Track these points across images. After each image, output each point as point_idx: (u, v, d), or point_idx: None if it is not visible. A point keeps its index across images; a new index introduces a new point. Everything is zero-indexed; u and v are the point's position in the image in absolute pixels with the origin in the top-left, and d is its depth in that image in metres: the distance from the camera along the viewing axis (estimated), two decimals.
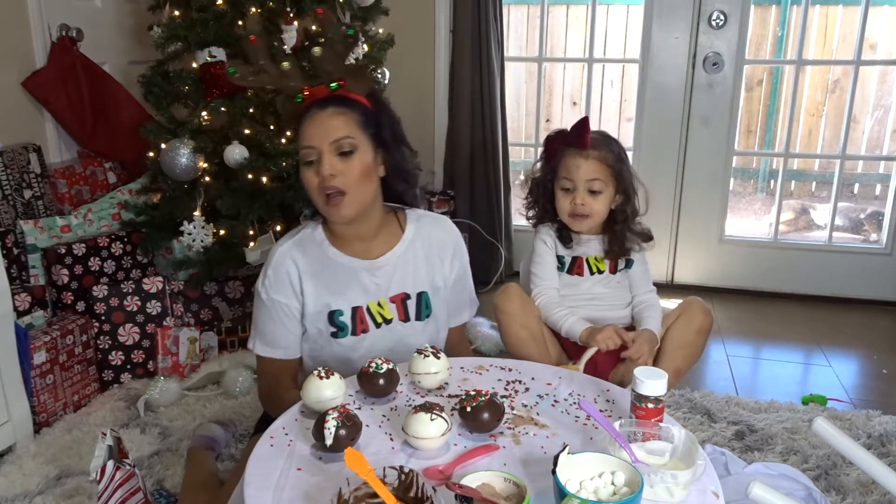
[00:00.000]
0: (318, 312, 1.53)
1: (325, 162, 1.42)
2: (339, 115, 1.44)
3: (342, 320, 1.53)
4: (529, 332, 1.86)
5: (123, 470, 1.43)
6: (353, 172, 1.44)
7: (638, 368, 1.16)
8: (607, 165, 1.83)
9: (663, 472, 1.00)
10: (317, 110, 1.45)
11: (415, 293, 1.58)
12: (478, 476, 0.98)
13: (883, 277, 3.22)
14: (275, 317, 1.54)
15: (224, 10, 2.37)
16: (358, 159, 1.44)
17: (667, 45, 3.18)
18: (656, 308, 1.89)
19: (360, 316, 1.54)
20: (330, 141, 1.42)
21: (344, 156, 1.43)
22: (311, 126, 1.45)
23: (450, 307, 1.67)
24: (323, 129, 1.43)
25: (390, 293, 1.56)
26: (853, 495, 1.82)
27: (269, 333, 1.56)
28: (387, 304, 1.56)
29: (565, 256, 1.93)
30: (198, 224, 2.47)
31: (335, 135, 1.43)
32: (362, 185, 1.46)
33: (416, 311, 1.59)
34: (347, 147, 1.43)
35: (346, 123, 1.44)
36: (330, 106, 1.45)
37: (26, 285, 2.32)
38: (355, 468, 0.94)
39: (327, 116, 1.44)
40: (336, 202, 1.43)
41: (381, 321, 1.56)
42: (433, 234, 1.61)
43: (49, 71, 2.64)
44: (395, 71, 2.73)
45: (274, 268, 1.53)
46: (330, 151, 1.43)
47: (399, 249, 1.57)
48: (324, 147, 1.42)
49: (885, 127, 4.50)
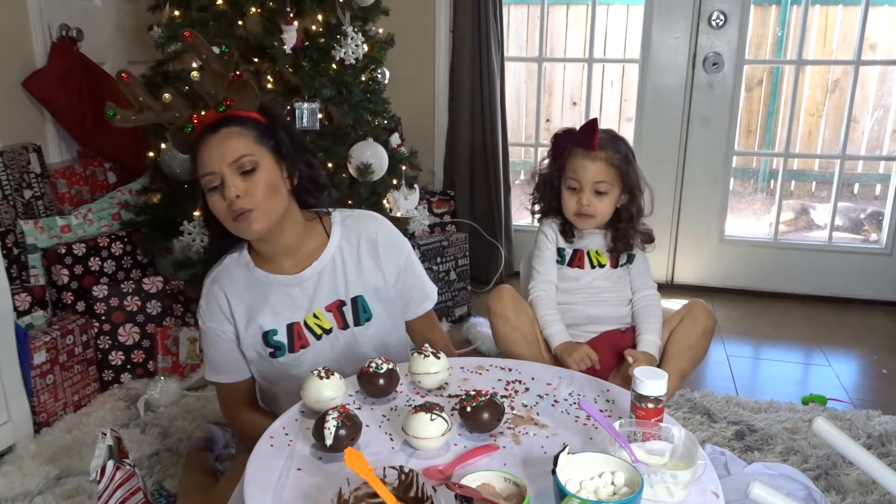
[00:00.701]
0: (251, 335, 1.51)
1: (228, 184, 1.38)
2: (234, 135, 1.40)
3: (277, 339, 1.51)
4: (521, 334, 1.87)
5: (123, 470, 1.43)
6: (258, 189, 1.39)
7: (638, 368, 1.16)
8: (614, 167, 1.82)
9: (663, 472, 1.00)
10: (209, 135, 1.41)
11: (349, 299, 1.53)
12: (478, 476, 0.98)
13: (883, 277, 3.22)
14: (216, 345, 1.54)
15: (224, 10, 2.37)
16: (261, 175, 1.40)
17: (667, 45, 3.18)
18: (657, 312, 1.89)
19: (298, 331, 1.51)
20: (229, 162, 1.38)
21: (246, 174, 1.39)
22: (206, 152, 1.40)
23: (402, 300, 1.62)
24: (219, 153, 1.39)
25: (324, 303, 1.52)
26: (853, 495, 1.82)
27: (214, 360, 1.56)
28: (322, 314, 1.52)
29: (566, 249, 1.94)
30: (198, 224, 2.47)
31: (233, 155, 1.38)
32: (270, 200, 1.41)
33: (354, 317, 1.54)
34: (248, 165, 1.39)
35: (241, 142, 1.40)
36: (222, 128, 1.41)
37: (26, 285, 2.32)
38: (355, 468, 0.94)
39: (221, 139, 1.40)
40: (245, 217, 1.39)
41: (321, 332, 1.53)
42: (362, 232, 1.56)
43: (49, 71, 2.64)
44: (395, 71, 2.73)
45: (205, 297, 1.52)
46: (231, 173, 1.38)
47: (326, 256, 1.52)
48: (224, 170, 1.38)
49: (884, 127, 4.50)
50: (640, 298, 1.93)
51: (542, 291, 1.90)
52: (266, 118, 1.47)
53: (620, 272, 1.94)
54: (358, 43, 2.37)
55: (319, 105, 2.35)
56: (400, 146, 2.67)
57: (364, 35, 2.41)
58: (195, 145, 1.43)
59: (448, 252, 3.00)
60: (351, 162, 2.40)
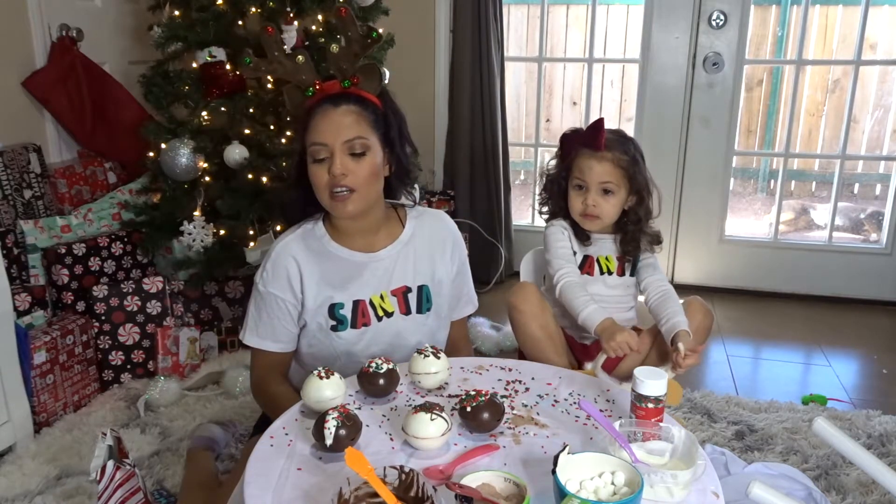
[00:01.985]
0: (318, 306, 1.52)
1: (336, 161, 1.41)
2: (352, 114, 1.43)
3: (342, 313, 1.53)
4: (546, 333, 1.83)
5: (123, 470, 1.43)
6: (362, 173, 1.43)
7: (638, 368, 1.16)
8: (621, 168, 1.81)
9: (663, 472, 1.00)
10: (329, 107, 1.44)
11: (415, 286, 1.58)
12: (478, 476, 0.98)
13: (883, 277, 3.22)
14: (270, 310, 1.54)
15: (224, 10, 2.37)
16: (368, 160, 1.44)
17: (667, 45, 3.18)
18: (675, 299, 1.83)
19: (363, 309, 1.54)
20: (343, 140, 1.42)
21: (355, 156, 1.43)
22: (323, 122, 1.43)
23: (451, 301, 1.67)
24: (336, 128, 1.42)
25: (392, 286, 1.56)
26: (853, 495, 1.82)
27: (264, 326, 1.55)
28: (388, 296, 1.56)
29: (577, 253, 1.91)
30: (198, 224, 2.47)
31: (348, 134, 1.42)
32: (370, 185, 1.46)
33: (418, 304, 1.58)
34: (360, 148, 1.43)
35: (358, 123, 1.43)
36: (343, 104, 1.44)
37: (26, 285, 2.32)
38: (356, 468, 0.94)
39: (340, 114, 1.43)
40: (342, 197, 1.43)
41: (383, 314, 1.55)
42: (433, 229, 1.62)
43: (49, 71, 2.64)
44: (395, 71, 2.73)
45: (273, 262, 1.53)
46: (342, 151, 1.42)
47: (400, 243, 1.57)
48: (336, 146, 1.42)
49: (885, 127, 4.50)
50: (656, 289, 1.86)
51: (571, 277, 1.83)
52: (382, 104, 1.50)
53: (627, 280, 1.93)
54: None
55: None
56: None
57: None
58: (310, 111, 1.46)
59: None
60: None
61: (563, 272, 1.84)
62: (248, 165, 2.38)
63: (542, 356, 1.77)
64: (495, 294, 3.32)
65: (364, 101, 1.46)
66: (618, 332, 1.67)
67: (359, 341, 1.55)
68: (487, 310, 3.07)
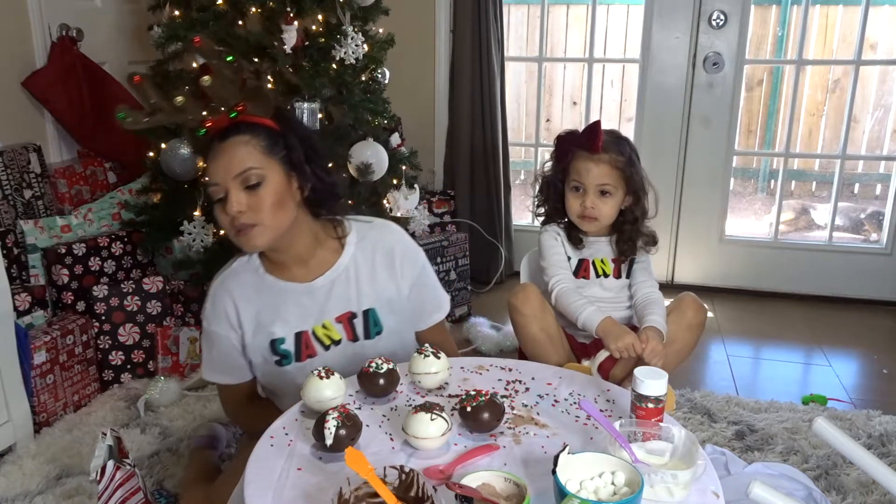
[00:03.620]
0: (259, 343, 1.48)
1: (231, 198, 1.33)
2: (241, 145, 1.34)
3: (284, 348, 1.48)
4: (547, 335, 1.83)
5: (123, 470, 1.43)
6: (263, 205, 1.34)
7: (638, 368, 1.16)
8: (618, 169, 1.81)
9: (663, 471, 1.00)
10: (217, 143, 1.35)
11: (361, 311, 1.50)
12: (478, 476, 0.98)
13: (883, 277, 3.22)
14: (218, 347, 1.51)
15: (224, 10, 2.37)
16: (267, 190, 1.35)
17: (667, 45, 3.18)
18: (659, 304, 1.84)
19: (306, 340, 1.48)
20: (233, 175, 1.33)
21: (251, 189, 1.34)
22: (213, 162, 1.35)
23: (412, 316, 1.59)
24: (225, 164, 1.33)
25: (335, 313, 1.48)
26: (853, 495, 1.82)
27: (216, 361, 1.54)
28: (332, 325, 1.49)
29: (572, 258, 1.92)
30: (198, 224, 2.47)
31: (238, 167, 1.33)
32: (275, 216, 1.36)
33: (365, 330, 1.51)
34: (254, 179, 1.33)
35: (249, 153, 1.34)
36: (230, 136, 1.35)
37: (26, 285, 2.32)
38: (356, 468, 0.94)
39: (229, 148, 1.34)
40: (245, 233, 1.35)
41: (330, 343, 1.49)
42: (377, 246, 1.52)
43: (49, 71, 2.64)
44: (395, 71, 2.73)
45: (212, 300, 1.49)
46: (235, 186, 1.33)
47: (339, 267, 1.48)
48: (228, 182, 1.33)
49: (885, 127, 4.50)
50: (643, 295, 1.86)
51: (565, 283, 1.84)
52: (280, 125, 1.41)
53: (623, 281, 1.93)
54: (358, 43, 2.37)
55: (319, 105, 2.35)
56: (400, 146, 2.67)
57: (364, 35, 2.41)
58: (205, 150, 1.39)
59: (448, 252, 3.00)
60: (351, 162, 2.40)
61: (557, 279, 1.86)
62: None
63: (544, 357, 1.77)
64: (495, 294, 3.32)
65: (255, 127, 1.37)
66: (623, 334, 1.67)
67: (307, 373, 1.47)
68: (487, 310, 3.08)
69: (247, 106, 1.40)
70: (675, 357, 1.87)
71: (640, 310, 1.82)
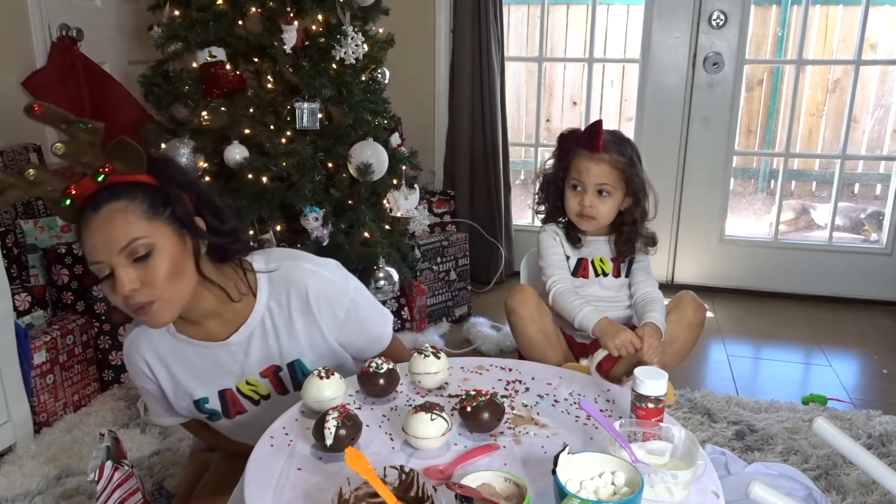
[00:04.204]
0: (182, 402, 1.40)
1: (121, 277, 1.14)
2: (118, 213, 1.14)
3: (209, 407, 1.40)
4: (545, 336, 1.83)
5: (122, 470, 1.43)
6: (157, 277, 1.16)
7: (638, 368, 1.16)
8: (618, 170, 1.81)
9: (663, 471, 1.00)
10: (90, 214, 1.15)
11: (285, 364, 1.37)
12: (478, 476, 0.98)
13: (883, 277, 3.22)
14: (152, 398, 1.47)
15: (224, 10, 2.37)
16: (159, 259, 1.16)
17: (667, 45, 3.18)
18: (659, 303, 1.85)
19: (232, 398, 1.39)
20: (117, 250, 1.14)
21: (140, 261, 1.15)
22: (89, 237, 1.15)
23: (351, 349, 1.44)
24: (104, 238, 1.14)
25: (258, 369, 1.37)
26: (853, 495, 1.82)
27: (154, 408, 1.50)
28: (257, 380, 1.38)
29: (571, 257, 1.92)
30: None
31: (121, 241, 1.14)
32: (174, 286, 1.19)
33: (294, 382, 1.39)
34: (142, 250, 1.15)
35: (129, 221, 1.15)
36: (104, 204, 1.15)
37: (26, 285, 2.32)
38: (356, 468, 0.94)
39: (105, 222, 1.14)
40: (145, 311, 1.18)
41: (259, 398, 1.40)
42: (291, 287, 1.33)
43: (49, 71, 2.64)
44: (395, 71, 2.73)
45: (126, 359, 1.40)
46: (122, 262, 1.14)
47: (255, 319, 1.33)
48: (112, 259, 1.14)
49: (885, 127, 4.50)
50: (643, 294, 1.87)
51: (562, 283, 1.85)
52: (157, 178, 1.21)
53: (622, 280, 1.93)
54: (358, 43, 2.37)
55: (319, 105, 2.35)
56: (400, 146, 2.67)
57: (364, 35, 2.40)
58: (77, 221, 1.18)
59: (448, 252, 3.00)
60: (351, 162, 2.40)
61: (554, 279, 1.86)
62: (248, 165, 2.38)
63: (542, 358, 1.78)
64: (495, 294, 3.32)
65: (131, 189, 1.17)
66: (619, 332, 1.68)
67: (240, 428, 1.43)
68: (487, 310, 3.08)
69: (114, 166, 1.19)
70: (675, 356, 1.88)
71: (640, 309, 1.83)
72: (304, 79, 2.33)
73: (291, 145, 2.33)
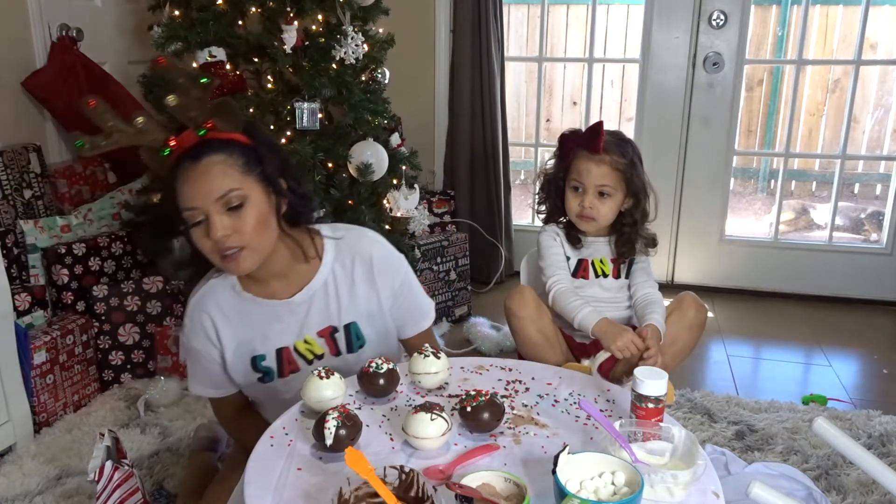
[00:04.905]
0: (240, 361, 1.46)
1: (214, 224, 1.25)
2: (218, 167, 1.26)
3: (265, 365, 1.45)
4: (545, 337, 1.83)
5: (122, 470, 1.43)
6: (247, 226, 1.27)
7: (638, 368, 1.16)
8: (618, 171, 1.80)
9: (663, 471, 1.00)
10: (190, 164, 1.26)
11: (342, 325, 1.46)
12: (478, 476, 0.98)
13: (883, 277, 3.22)
14: (201, 364, 1.49)
15: (224, 10, 2.37)
16: (249, 210, 1.28)
17: (667, 44, 3.18)
18: (659, 304, 1.85)
19: (287, 357, 1.45)
20: (214, 199, 1.25)
21: (234, 210, 1.26)
22: (187, 185, 1.26)
23: (398, 321, 1.53)
24: (203, 188, 1.25)
25: (316, 328, 1.45)
26: (853, 495, 1.82)
27: (200, 376, 1.52)
28: (314, 339, 1.45)
29: (571, 258, 1.92)
30: None
31: (219, 191, 1.25)
32: (261, 236, 1.30)
33: (347, 344, 1.47)
34: (236, 200, 1.26)
35: (228, 174, 1.26)
36: (204, 156, 1.26)
37: (26, 285, 2.32)
38: (356, 468, 0.94)
39: (204, 171, 1.25)
40: (233, 258, 1.29)
41: (313, 357, 1.47)
42: (356, 254, 1.45)
43: (49, 71, 2.64)
44: (395, 71, 2.73)
45: (189, 317, 1.45)
46: (217, 210, 1.25)
47: (318, 281, 1.43)
48: (208, 207, 1.25)
49: (885, 127, 4.50)
50: (643, 295, 1.87)
51: (562, 284, 1.85)
52: (250, 139, 1.33)
53: (623, 282, 1.93)
54: (358, 43, 2.37)
55: (319, 105, 2.35)
56: (400, 146, 2.67)
57: (364, 35, 2.40)
58: (173, 171, 1.28)
59: (448, 252, 3.00)
60: (351, 162, 2.40)
61: (554, 279, 1.87)
62: None
63: (542, 359, 1.77)
64: (495, 294, 3.32)
65: (228, 145, 1.28)
66: (621, 333, 1.67)
67: (289, 389, 1.47)
68: (487, 310, 3.08)
69: (215, 122, 1.30)
70: (676, 357, 1.88)
71: (640, 310, 1.83)
72: (304, 79, 2.33)
73: (291, 145, 2.33)
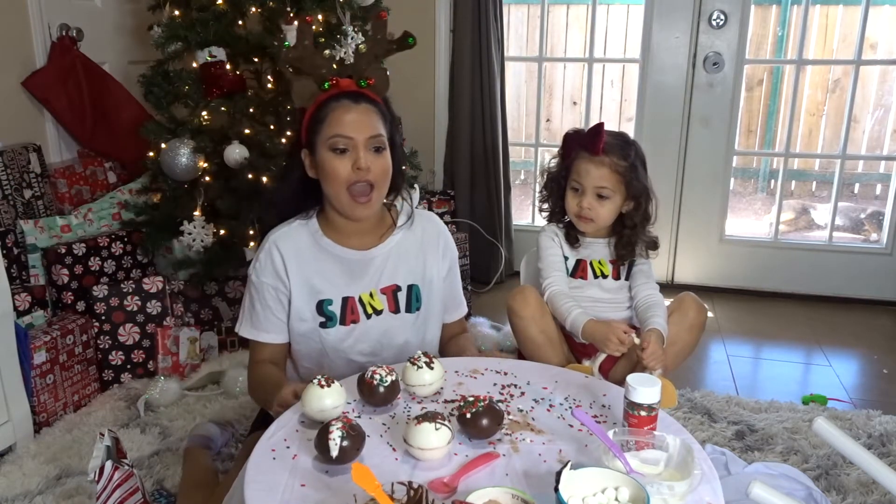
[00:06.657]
0: (305, 302, 1.54)
1: (361, 155, 1.45)
2: (374, 113, 1.49)
3: (331, 310, 1.55)
4: (547, 337, 1.83)
5: (122, 470, 1.44)
6: (382, 169, 1.48)
7: (630, 376, 1.15)
8: (618, 174, 1.79)
9: (659, 483, 0.99)
10: (349, 103, 1.48)
11: (405, 285, 1.60)
12: (485, 492, 0.97)
13: (883, 277, 3.22)
14: (263, 301, 1.55)
15: (224, 10, 2.37)
16: (386, 157, 1.50)
17: (667, 44, 3.18)
18: (661, 307, 1.84)
19: (352, 306, 1.56)
20: (368, 136, 1.46)
21: (377, 152, 1.48)
22: (346, 116, 1.46)
23: (445, 301, 1.70)
24: (361, 123, 1.46)
25: (381, 284, 1.58)
26: (853, 495, 1.82)
27: (257, 317, 1.57)
28: (378, 294, 1.58)
29: (569, 258, 1.91)
30: (198, 224, 2.47)
31: (372, 131, 1.47)
32: (384, 182, 1.51)
33: (407, 304, 1.60)
34: (381, 145, 1.48)
35: (378, 121, 1.49)
36: (363, 101, 1.49)
37: (26, 285, 2.32)
38: (363, 484, 0.92)
39: (364, 111, 1.47)
40: (366, 197, 1.47)
41: (372, 312, 1.57)
42: (425, 228, 1.65)
43: (49, 71, 2.64)
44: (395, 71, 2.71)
45: (265, 252, 1.55)
46: (366, 146, 1.46)
47: (391, 242, 1.59)
48: (360, 140, 1.45)
49: (885, 127, 4.50)
50: (645, 298, 1.86)
51: (557, 286, 1.85)
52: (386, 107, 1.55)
53: (623, 283, 1.93)
54: (358, 43, 2.37)
55: None
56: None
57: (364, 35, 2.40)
58: (323, 105, 1.48)
59: None
60: None
61: (550, 281, 1.87)
62: (248, 165, 2.38)
63: (544, 359, 1.77)
64: (495, 294, 3.32)
65: (376, 102, 1.51)
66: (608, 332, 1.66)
67: (346, 338, 1.56)
68: (487, 310, 3.08)
69: (375, 81, 1.55)
70: (677, 358, 1.88)
71: (642, 313, 1.82)
72: None
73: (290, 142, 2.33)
